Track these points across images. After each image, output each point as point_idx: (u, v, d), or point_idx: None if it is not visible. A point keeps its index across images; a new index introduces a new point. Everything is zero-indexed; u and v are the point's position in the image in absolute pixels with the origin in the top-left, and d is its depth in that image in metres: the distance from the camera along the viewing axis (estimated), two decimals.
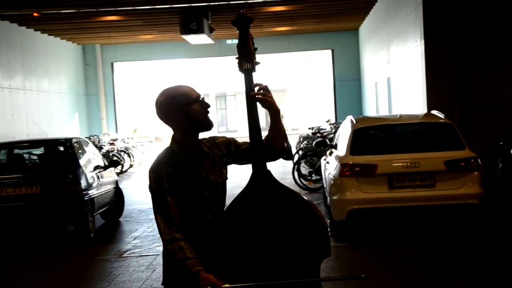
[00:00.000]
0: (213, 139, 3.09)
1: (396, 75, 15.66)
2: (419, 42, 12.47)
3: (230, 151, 3.08)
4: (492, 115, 11.79)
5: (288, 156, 3.35)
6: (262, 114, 3.22)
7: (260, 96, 3.00)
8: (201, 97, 2.99)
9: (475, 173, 8.12)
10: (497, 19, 12.04)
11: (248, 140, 3.04)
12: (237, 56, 3.10)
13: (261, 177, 2.97)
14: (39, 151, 10.86)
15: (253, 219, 2.92)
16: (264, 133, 2.98)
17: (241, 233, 2.91)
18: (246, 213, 2.93)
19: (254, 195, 2.95)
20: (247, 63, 3.07)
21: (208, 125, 2.98)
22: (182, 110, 2.92)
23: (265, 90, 3.01)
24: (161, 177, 2.90)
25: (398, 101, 15.59)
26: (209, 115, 3.00)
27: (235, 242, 2.90)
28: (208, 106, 3.00)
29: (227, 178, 3.08)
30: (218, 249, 2.88)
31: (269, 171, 2.99)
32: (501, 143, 10.88)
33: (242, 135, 30.65)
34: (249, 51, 3.07)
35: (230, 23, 3.12)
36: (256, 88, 3.03)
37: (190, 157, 2.96)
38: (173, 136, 3.01)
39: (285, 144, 3.11)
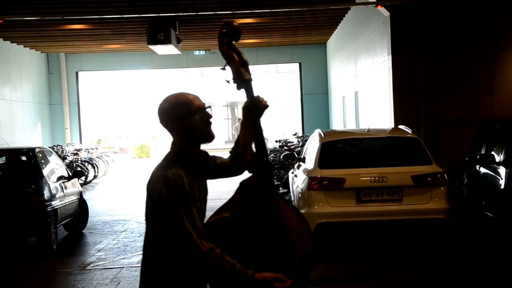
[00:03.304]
0: None
1: (364, 89, 15.82)
2: (387, 57, 12.64)
3: (209, 164, 2.99)
4: (458, 131, 12.01)
5: (256, 168, 3.29)
6: (226, 126, 3.18)
7: (268, 104, 2.98)
8: (206, 106, 2.86)
9: (442, 188, 8.22)
10: (463, 35, 12.29)
11: (218, 154, 3.01)
12: (223, 69, 3.02)
13: (267, 188, 2.90)
14: (1, 160, 10.66)
15: (253, 229, 2.86)
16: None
17: (240, 241, 2.84)
18: (248, 224, 2.87)
19: (258, 205, 2.88)
20: (247, 72, 2.99)
21: (208, 138, 2.85)
22: (182, 120, 2.79)
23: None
24: (185, 184, 2.69)
25: (365, 115, 15.74)
26: (211, 126, 2.87)
27: (235, 249, 2.81)
28: (210, 117, 2.86)
29: None
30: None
31: (273, 182, 2.96)
32: (466, 159, 11.07)
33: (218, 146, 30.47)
34: (245, 60, 3.00)
35: (197, 33, 3.07)
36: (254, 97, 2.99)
37: (195, 168, 2.84)
38: (176, 144, 2.85)
39: (253, 156, 3.07)
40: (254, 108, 2.97)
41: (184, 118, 2.79)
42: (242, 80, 2.98)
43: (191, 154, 2.83)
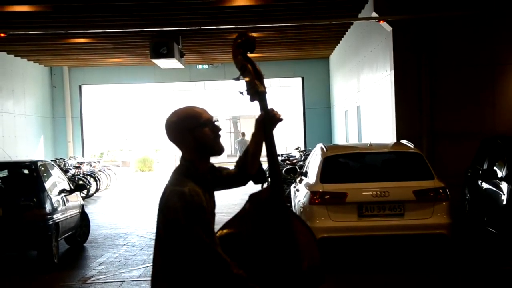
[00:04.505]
0: None
1: (366, 104, 15.84)
2: (389, 72, 12.67)
3: (216, 176, 2.97)
4: (460, 146, 12.01)
5: (263, 179, 3.25)
6: (229, 140, 3.18)
7: (282, 117, 2.98)
8: (214, 119, 2.83)
9: (444, 203, 8.21)
10: (466, 50, 12.33)
11: (222, 165, 3.02)
12: (237, 80, 3.00)
13: (278, 200, 2.90)
14: (3, 173, 10.67)
15: (264, 242, 2.84)
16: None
17: (252, 253, 2.82)
18: (259, 237, 2.85)
19: (270, 218, 2.87)
20: (261, 84, 2.96)
21: (218, 150, 2.82)
22: (191, 133, 2.76)
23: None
24: (202, 201, 2.64)
25: (368, 129, 15.74)
26: (220, 139, 2.84)
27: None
28: (219, 130, 2.83)
29: None
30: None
31: (284, 195, 2.96)
32: (468, 174, 11.06)
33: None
34: (259, 72, 2.97)
35: (200, 48, 3.05)
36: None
37: (206, 182, 2.81)
38: (185, 158, 2.82)
39: (259, 168, 3.08)
40: (268, 121, 2.96)
41: (194, 130, 2.76)
42: (257, 92, 2.95)
43: (201, 168, 2.80)
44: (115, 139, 42.53)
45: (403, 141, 9.68)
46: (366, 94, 15.71)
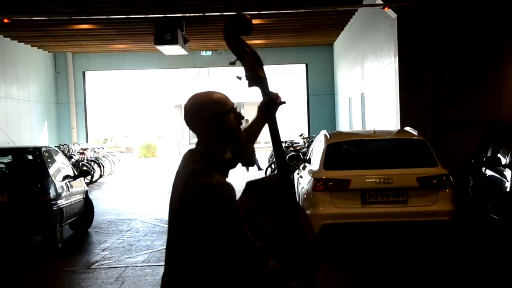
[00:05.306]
0: None
1: (370, 91, 15.81)
2: (393, 59, 12.64)
3: None
4: (464, 133, 11.98)
5: (252, 163, 3.17)
6: None
7: (284, 101, 2.92)
8: (235, 107, 2.74)
9: (447, 190, 8.22)
10: (471, 37, 12.27)
11: None
12: (233, 64, 2.93)
13: (287, 186, 2.84)
14: (7, 159, 10.71)
15: (276, 230, 2.78)
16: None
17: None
18: (272, 226, 2.79)
19: (280, 205, 2.81)
20: (261, 69, 2.87)
21: (240, 139, 2.74)
22: (216, 120, 2.64)
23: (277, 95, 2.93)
24: (234, 194, 2.56)
25: (371, 116, 15.72)
26: (241, 127, 2.75)
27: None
28: (242, 117, 2.74)
29: None
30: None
31: (292, 181, 2.91)
32: (472, 161, 11.05)
33: None
34: (259, 57, 2.88)
35: (204, 34, 2.96)
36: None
37: (226, 170, 2.72)
38: (203, 145, 2.68)
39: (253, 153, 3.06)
40: (272, 106, 2.91)
41: (219, 118, 2.65)
42: (258, 77, 2.88)
43: (222, 156, 2.69)
44: (119, 125, 42.55)
45: (407, 128, 9.67)
46: (370, 81, 15.68)
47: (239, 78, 2.91)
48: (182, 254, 2.59)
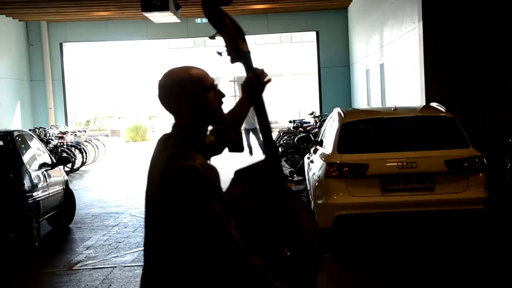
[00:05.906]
0: None
1: (391, 62, 15.78)
2: (417, 24, 12.57)
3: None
4: (500, 109, 11.93)
5: (240, 148, 3.22)
6: (233, 104, 3.19)
7: (270, 78, 2.99)
8: (215, 83, 2.79)
9: (480, 174, 8.21)
10: None
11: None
12: (213, 38, 3.02)
13: (276, 172, 2.90)
14: None
15: (265, 221, 2.86)
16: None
17: (253, 233, 2.83)
18: (261, 216, 2.87)
19: (269, 193, 2.89)
20: (244, 43, 2.92)
21: (222, 119, 2.79)
22: (194, 99, 2.70)
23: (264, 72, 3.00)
24: (218, 177, 2.63)
25: (392, 91, 15.71)
26: (222, 107, 2.80)
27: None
28: (223, 96, 2.78)
29: None
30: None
31: (281, 167, 2.98)
32: (510, 141, 11.03)
33: None
34: (241, 29, 2.93)
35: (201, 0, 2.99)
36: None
37: (206, 153, 2.77)
38: (181, 126, 2.74)
39: (239, 135, 3.14)
40: (257, 83, 2.97)
41: (198, 96, 2.70)
42: (240, 51, 2.92)
43: (201, 138, 2.76)
44: (103, 105, 42.63)
45: (433, 104, 9.65)
46: (390, 50, 15.64)
47: (220, 53, 2.97)
48: (163, 250, 2.65)
